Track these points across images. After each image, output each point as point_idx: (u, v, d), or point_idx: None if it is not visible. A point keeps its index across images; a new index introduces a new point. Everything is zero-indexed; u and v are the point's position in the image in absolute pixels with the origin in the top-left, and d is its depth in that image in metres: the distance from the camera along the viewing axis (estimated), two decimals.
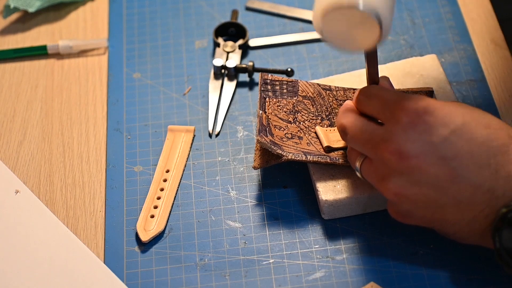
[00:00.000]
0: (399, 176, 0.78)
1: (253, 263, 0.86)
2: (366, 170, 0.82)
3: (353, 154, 0.84)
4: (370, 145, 0.80)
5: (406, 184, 0.78)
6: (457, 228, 0.79)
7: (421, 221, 0.80)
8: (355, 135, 0.82)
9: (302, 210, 0.89)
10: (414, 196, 0.78)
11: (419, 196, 0.78)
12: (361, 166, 0.82)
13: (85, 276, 0.85)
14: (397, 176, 0.78)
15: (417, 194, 0.78)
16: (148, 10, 1.10)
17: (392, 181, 0.78)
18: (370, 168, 0.81)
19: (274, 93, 0.94)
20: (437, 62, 0.98)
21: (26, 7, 1.08)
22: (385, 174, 0.79)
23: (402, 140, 0.78)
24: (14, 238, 0.88)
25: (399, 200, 0.79)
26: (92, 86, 1.03)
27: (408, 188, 0.78)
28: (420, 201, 0.78)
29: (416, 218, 0.80)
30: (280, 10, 1.09)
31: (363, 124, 0.82)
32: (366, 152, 0.81)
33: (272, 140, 0.88)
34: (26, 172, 0.95)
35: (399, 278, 0.83)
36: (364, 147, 0.81)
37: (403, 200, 0.79)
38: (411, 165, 0.77)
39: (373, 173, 0.81)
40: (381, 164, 0.79)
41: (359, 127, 0.82)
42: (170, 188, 0.92)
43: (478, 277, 0.83)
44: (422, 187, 0.77)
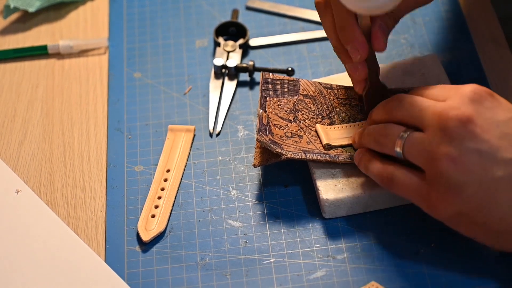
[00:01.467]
0: (460, 141, 0.76)
1: (254, 262, 0.86)
2: (412, 144, 0.80)
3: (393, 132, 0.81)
4: (432, 110, 0.79)
5: (467, 151, 0.76)
6: (503, 212, 0.77)
7: (468, 201, 0.77)
8: (413, 102, 0.80)
9: (303, 209, 0.89)
10: (472, 165, 0.76)
11: (476, 166, 0.76)
12: (407, 140, 0.80)
13: (86, 275, 0.85)
14: (457, 142, 0.76)
15: (475, 163, 0.76)
16: (148, 10, 1.10)
17: (452, 146, 0.76)
18: (421, 139, 0.79)
19: (275, 92, 0.94)
20: (438, 61, 0.98)
21: (26, 7, 1.08)
22: (444, 140, 0.77)
23: (468, 108, 0.77)
24: (15, 237, 0.88)
25: (455, 168, 0.76)
26: (93, 86, 1.03)
27: (468, 155, 0.76)
28: (476, 172, 0.76)
29: (465, 196, 0.77)
30: (281, 10, 1.09)
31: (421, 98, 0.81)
32: (423, 120, 0.79)
33: (272, 139, 0.88)
34: (27, 172, 0.95)
35: (400, 277, 0.83)
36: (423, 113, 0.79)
37: (459, 169, 0.76)
38: (475, 131, 0.77)
39: (426, 143, 0.78)
40: (441, 129, 0.77)
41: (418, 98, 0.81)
42: (170, 187, 0.92)
43: (478, 276, 0.83)
44: (482, 157, 0.76)
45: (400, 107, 0.82)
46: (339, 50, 0.89)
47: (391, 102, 0.84)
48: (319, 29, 1.06)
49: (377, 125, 0.85)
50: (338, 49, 0.89)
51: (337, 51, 0.89)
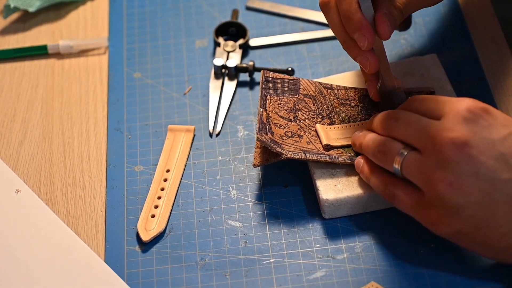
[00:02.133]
0: (456, 165, 0.76)
1: (254, 262, 0.86)
2: (410, 164, 0.80)
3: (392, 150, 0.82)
4: (427, 133, 0.79)
5: (463, 174, 0.76)
6: (505, 230, 0.77)
7: (468, 222, 0.78)
8: (410, 122, 0.81)
9: (303, 209, 0.89)
10: (469, 188, 0.76)
11: (473, 188, 0.76)
12: (404, 163, 0.80)
13: (86, 275, 0.85)
14: (453, 165, 0.77)
15: (472, 186, 0.76)
16: (148, 10, 1.10)
17: (448, 170, 0.77)
18: (419, 161, 0.79)
19: (275, 91, 0.94)
20: (438, 61, 0.98)
21: (26, 6, 1.08)
22: (441, 164, 0.77)
23: (463, 130, 0.77)
24: (15, 237, 0.88)
25: (452, 191, 0.77)
26: (93, 86, 1.03)
27: (464, 178, 0.76)
28: (474, 194, 0.76)
29: (464, 218, 0.77)
30: (281, 10, 1.09)
31: (419, 116, 0.81)
32: (420, 141, 0.79)
33: (272, 138, 0.88)
34: (27, 172, 0.95)
35: (400, 277, 0.83)
36: (419, 135, 0.79)
37: (457, 192, 0.77)
38: (471, 154, 0.76)
39: (423, 165, 0.79)
40: (437, 153, 0.77)
41: (414, 116, 0.81)
42: (170, 187, 0.92)
43: (479, 276, 0.83)
44: (479, 180, 0.76)
45: (396, 126, 0.82)
46: (347, 45, 0.88)
47: (388, 119, 0.84)
48: (319, 29, 1.06)
49: (376, 137, 0.85)
50: (346, 43, 0.88)
51: (346, 46, 0.89)
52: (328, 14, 0.89)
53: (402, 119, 0.82)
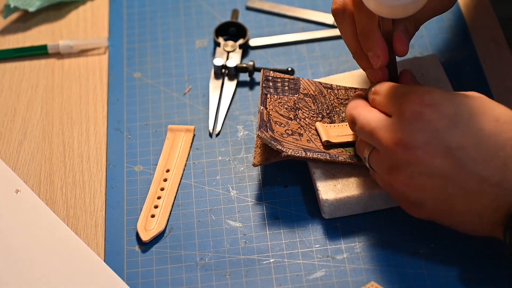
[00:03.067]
0: (406, 167, 0.78)
1: (254, 262, 0.86)
2: (374, 160, 0.82)
3: (362, 144, 0.84)
4: (377, 136, 0.80)
5: (413, 175, 0.78)
6: (467, 218, 0.79)
7: (433, 212, 0.80)
8: (363, 126, 0.82)
9: (303, 209, 0.89)
10: (422, 186, 0.78)
11: (427, 186, 0.78)
12: (369, 156, 0.83)
13: (86, 275, 0.85)
14: (404, 167, 0.78)
15: (424, 184, 0.78)
16: (148, 10, 1.10)
17: (400, 172, 0.79)
18: (378, 158, 0.82)
19: (275, 89, 0.94)
20: (438, 61, 0.98)
21: (26, 6, 1.08)
22: (392, 165, 0.79)
23: (407, 131, 0.78)
24: (15, 237, 0.88)
25: (408, 190, 0.79)
26: (93, 86, 1.03)
27: (415, 178, 0.78)
28: (429, 191, 0.78)
29: (428, 209, 0.80)
30: (281, 10, 1.09)
31: (372, 115, 0.82)
32: (373, 143, 0.81)
33: (272, 136, 0.88)
34: (27, 172, 0.95)
35: (400, 278, 0.83)
36: (371, 138, 0.81)
37: (412, 190, 0.79)
38: (417, 156, 0.77)
39: (381, 164, 0.81)
40: (388, 155, 0.79)
41: (367, 118, 0.82)
42: (170, 187, 0.92)
43: (479, 276, 0.83)
44: (429, 178, 0.77)
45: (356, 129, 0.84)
46: (358, 57, 0.89)
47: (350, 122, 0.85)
48: (319, 29, 1.06)
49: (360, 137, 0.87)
50: (358, 55, 0.89)
51: (357, 57, 0.89)
52: (341, 23, 0.88)
53: (357, 123, 0.83)
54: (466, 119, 0.77)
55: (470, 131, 0.77)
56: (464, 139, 0.77)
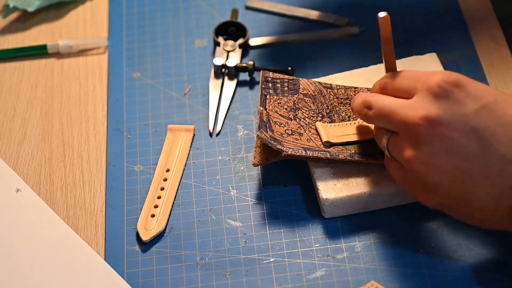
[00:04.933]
0: (429, 144, 0.77)
1: (254, 262, 0.86)
2: (393, 145, 0.81)
3: (380, 133, 0.83)
4: (399, 115, 0.79)
5: (436, 153, 0.77)
6: (483, 204, 0.77)
7: (448, 197, 0.78)
8: (381, 108, 0.81)
9: (303, 208, 0.89)
10: (443, 165, 0.77)
11: (447, 166, 0.77)
12: (389, 141, 0.82)
13: (87, 274, 0.85)
14: (426, 144, 0.77)
15: (446, 163, 0.77)
16: (148, 9, 1.10)
17: (421, 149, 0.77)
18: (397, 141, 0.80)
19: (275, 90, 0.94)
20: (437, 61, 0.98)
21: (25, 6, 1.08)
22: (414, 144, 0.78)
23: (434, 108, 0.77)
24: (15, 236, 0.88)
25: (427, 170, 0.78)
26: (92, 86, 1.03)
27: (437, 157, 0.77)
28: (449, 171, 0.77)
29: (442, 193, 0.78)
30: (280, 9, 1.09)
31: (389, 99, 0.81)
32: (394, 125, 0.80)
33: (272, 136, 0.88)
34: (27, 172, 0.95)
35: (400, 277, 0.83)
36: (390, 120, 0.80)
37: (432, 170, 0.77)
38: (442, 132, 0.77)
39: (400, 146, 0.80)
40: (410, 134, 0.78)
41: (385, 101, 0.81)
42: (170, 187, 0.92)
43: (478, 276, 0.83)
44: (452, 157, 0.77)
45: (372, 116, 0.83)
46: None
47: (363, 108, 0.84)
48: (319, 28, 1.06)
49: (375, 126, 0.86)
50: None
51: None
52: None
53: (374, 106, 0.82)
54: (491, 102, 0.77)
55: (495, 114, 0.77)
56: (490, 121, 0.77)
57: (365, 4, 1.08)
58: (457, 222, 0.85)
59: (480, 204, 0.78)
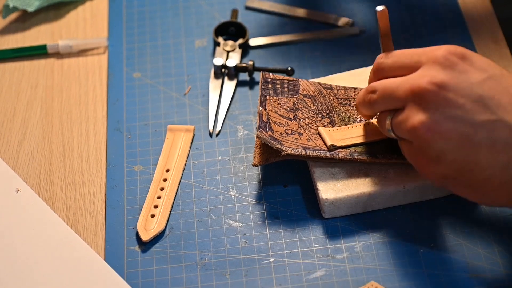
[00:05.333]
0: (435, 110, 0.77)
1: (254, 262, 0.86)
2: (397, 121, 0.80)
3: (383, 116, 0.83)
4: (405, 87, 0.79)
5: (441, 119, 0.77)
6: (489, 172, 0.77)
7: (451, 167, 0.78)
8: (387, 86, 0.81)
9: (303, 209, 0.89)
10: (449, 132, 0.76)
11: (453, 133, 0.76)
12: (392, 121, 0.81)
13: (87, 274, 0.85)
14: (432, 110, 0.77)
15: (451, 130, 0.76)
16: (148, 9, 1.10)
17: (427, 116, 0.77)
18: (401, 116, 0.80)
19: (274, 91, 0.94)
20: None
21: (25, 6, 1.08)
22: (420, 110, 0.77)
23: (441, 74, 0.77)
24: (15, 236, 0.88)
25: (432, 137, 0.77)
26: (92, 86, 1.03)
27: (443, 123, 0.77)
28: (454, 138, 0.76)
29: (447, 162, 0.77)
30: (280, 9, 1.09)
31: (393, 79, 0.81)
32: (399, 99, 0.80)
33: (272, 135, 0.88)
34: (26, 172, 0.95)
35: (400, 277, 0.83)
36: (397, 93, 0.80)
37: (437, 138, 0.77)
38: (449, 97, 0.77)
39: (406, 118, 0.79)
40: (415, 101, 0.78)
41: (389, 81, 0.81)
42: (170, 187, 0.92)
43: (478, 276, 0.83)
44: (458, 123, 0.76)
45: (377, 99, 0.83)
46: None
47: (367, 95, 0.84)
48: (318, 28, 1.06)
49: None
50: None
51: None
52: None
53: (378, 88, 0.82)
54: (497, 74, 0.78)
55: (501, 85, 0.77)
56: (496, 90, 0.77)
57: (365, 4, 1.08)
58: (457, 222, 0.85)
59: (485, 174, 0.77)
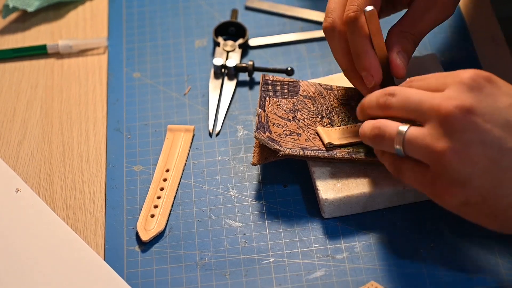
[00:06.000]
0: (462, 133, 0.75)
1: (253, 262, 0.86)
2: (414, 138, 0.78)
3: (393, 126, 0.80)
4: (430, 104, 0.77)
5: (470, 143, 0.75)
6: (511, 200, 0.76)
7: (476, 192, 0.76)
8: (410, 96, 0.79)
9: (302, 209, 0.89)
10: (476, 156, 0.75)
11: (481, 156, 0.75)
12: (406, 136, 0.78)
13: (86, 274, 0.85)
14: (460, 132, 0.75)
15: (479, 154, 0.75)
16: (147, 10, 1.10)
17: (454, 139, 0.75)
18: (421, 133, 0.78)
19: (274, 93, 0.94)
20: (437, 60, 0.98)
21: (25, 6, 1.08)
22: (445, 134, 0.76)
23: (469, 98, 0.76)
24: (15, 236, 0.88)
25: (459, 160, 0.76)
26: (92, 86, 1.03)
27: (471, 147, 0.75)
28: (481, 162, 0.75)
29: (472, 187, 0.76)
30: (280, 9, 1.09)
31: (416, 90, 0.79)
32: (423, 114, 0.78)
33: (270, 136, 0.88)
34: (26, 172, 0.95)
35: (400, 277, 0.83)
36: (421, 107, 0.78)
37: (465, 161, 0.76)
38: (476, 122, 0.75)
39: (427, 138, 0.77)
40: (441, 124, 0.76)
41: (412, 91, 0.80)
42: (170, 187, 0.92)
43: (478, 276, 0.83)
44: (486, 148, 0.75)
45: (394, 102, 0.81)
46: (350, 74, 0.88)
47: (383, 96, 0.82)
48: (318, 29, 1.06)
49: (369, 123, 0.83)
50: (349, 73, 0.88)
51: (348, 74, 0.89)
52: (332, 41, 0.88)
53: (400, 93, 0.80)
54: None
55: None
56: None
57: None
58: (456, 222, 0.85)
59: (506, 201, 0.76)
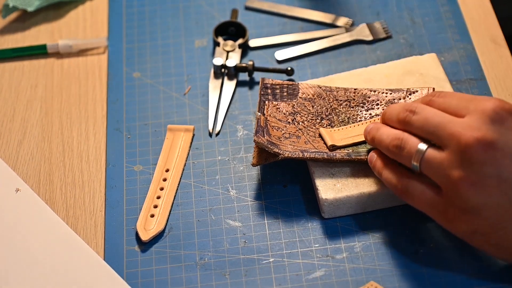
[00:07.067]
0: (480, 166, 0.75)
1: (253, 262, 0.86)
2: (432, 159, 0.78)
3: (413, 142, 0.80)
4: (451, 131, 0.77)
5: (487, 175, 0.75)
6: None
7: (486, 223, 0.77)
8: (431, 118, 0.79)
9: (302, 209, 0.89)
10: (491, 189, 0.75)
11: (496, 190, 0.75)
12: (425, 155, 0.78)
13: (86, 274, 0.85)
14: (478, 165, 0.75)
15: (494, 187, 0.75)
16: (147, 9, 1.10)
17: (472, 170, 0.75)
18: (439, 157, 0.77)
19: (274, 96, 0.94)
20: (437, 61, 0.98)
21: (25, 6, 1.08)
22: (463, 163, 0.76)
23: (490, 131, 0.76)
24: (14, 236, 0.88)
25: (474, 191, 0.76)
26: (92, 86, 1.03)
27: (487, 180, 0.75)
28: (495, 195, 0.75)
29: (483, 217, 0.76)
30: (280, 10, 1.09)
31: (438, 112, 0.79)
32: (442, 138, 0.77)
33: (269, 140, 0.88)
34: (26, 172, 0.95)
35: (400, 277, 0.83)
36: (441, 131, 0.77)
37: (479, 193, 0.76)
38: (496, 157, 0.75)
39: (444, 163, 0.77)
40: (460, 153, 0.76)
41: (433, 112, 0.79)
42: (170, 187, 0.92)
43: (478, 276, 0.83)
44: (502, 182, 0.75)
45: (415, 120, 0.80)
46: None
47: (404, 112, 0.81)
48: (318, 29, 1.06)
49: (390, 131, 0.83)
50: None
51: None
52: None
53: (420, 113, 0.80)
54: None
55: None
56: None
57: (365, 5, 1.08)
58: None
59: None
